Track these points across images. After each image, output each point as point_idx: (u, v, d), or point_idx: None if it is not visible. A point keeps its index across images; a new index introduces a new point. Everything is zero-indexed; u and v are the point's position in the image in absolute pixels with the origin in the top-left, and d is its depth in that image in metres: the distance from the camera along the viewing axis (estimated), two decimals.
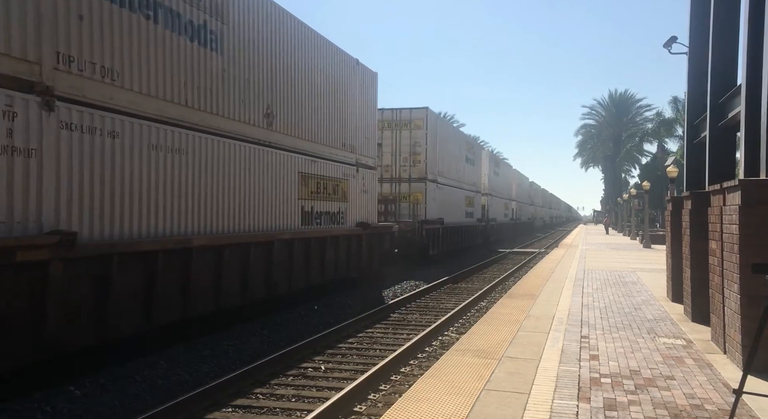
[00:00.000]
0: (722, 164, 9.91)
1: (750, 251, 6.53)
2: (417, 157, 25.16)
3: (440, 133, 27.69)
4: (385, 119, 24.99)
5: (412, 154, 25.18)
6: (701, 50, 10.80)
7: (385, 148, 24.91)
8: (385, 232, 20.31)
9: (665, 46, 18.20)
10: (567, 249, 31.33)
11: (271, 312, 13.04)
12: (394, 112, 25.54)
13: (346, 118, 17.28)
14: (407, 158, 25.25)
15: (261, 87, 12.73)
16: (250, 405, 7.43)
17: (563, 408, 5.46)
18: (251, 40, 12.30)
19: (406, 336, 11.54)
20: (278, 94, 13.45)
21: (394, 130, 25.31)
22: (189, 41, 10.37)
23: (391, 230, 20.87)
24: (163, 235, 9.61)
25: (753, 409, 5.40)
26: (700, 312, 9.58)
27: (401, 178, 25.35)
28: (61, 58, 7.88)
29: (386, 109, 25.23)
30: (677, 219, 11.95)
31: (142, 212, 9.18)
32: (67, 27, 7.97)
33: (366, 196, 18.66)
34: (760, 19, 7.37)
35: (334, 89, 16.42)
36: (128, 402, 7.50)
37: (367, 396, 7.75)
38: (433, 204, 26.04)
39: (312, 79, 15.14)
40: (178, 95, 10.11)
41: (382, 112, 24.16)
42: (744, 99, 7.83)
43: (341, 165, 16.85)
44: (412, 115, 25.44)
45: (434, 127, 26.72)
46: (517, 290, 14.08)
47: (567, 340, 8.36)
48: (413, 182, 25.23)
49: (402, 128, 25.32)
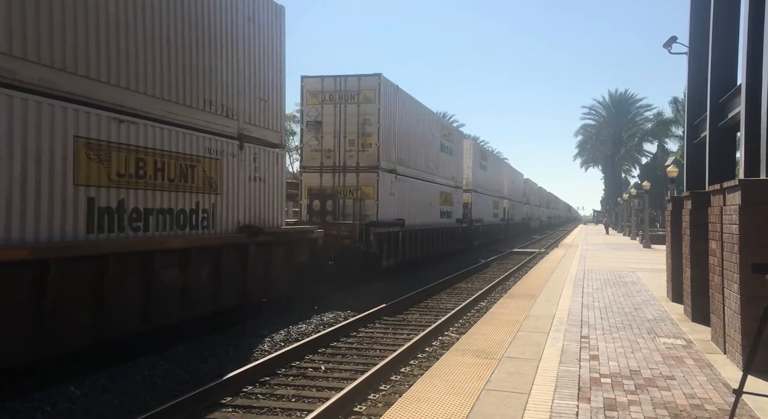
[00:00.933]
0: (722, 164, 9.92)
1: (750, 251, 6.53)
2: (367, 139, 19.63)
3: (400, 109, 21.95)
4: (326, 90, 19.75)
5: (360, 136, 19.62)
6: (701, 50, 10.81)
7: (326, 128, 19.78)
8: (298, 240, 14.62)
9: (665, 46, 18.20)
10: (567, 250, 31.34)
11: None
12: (336, 80, 19.81)
13: (217, 64, 11.83)
14: (354, 141, 19.66)
15: None
16: (250, 405, 7.43)
17: (563, 408, 5.46)
18: None
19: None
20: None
21: (338, 104, 19.71)
22: None
23: (307, 236, 15.17)
24: None
25: (753, 409, 5.40)
26: (700, 312, 9.58)
27: (347, 166, 19.74)
28: None
29: (327, 77, 20.06)
30: (677, 219, 11.95)
31: None
32: None
33: (260, 187, 13.16)
34: (760, 19, 7.38)
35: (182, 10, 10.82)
36: (128, 402, 7.50)
37: (367, 397, 7.74)
38: (390, 200, 20.76)
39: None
40: None
41: (322, 81, 19.74)
42: (744, 99, 7.83)
43: (203, 136, 11.30)
44: (361, 85, 19.75)
45: (391, 100, 20.85)
46: (517, 290, 14.09)
47: (567, 340, 8.36)
48: (362, 172, 19.67)
49: (348, 101, 19.72)
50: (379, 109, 19.69)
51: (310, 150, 19.95)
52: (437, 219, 27.14)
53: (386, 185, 20.34)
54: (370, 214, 19.40)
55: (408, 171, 22.87)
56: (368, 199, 19.57)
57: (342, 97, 19.83)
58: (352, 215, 18.98)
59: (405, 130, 22.58)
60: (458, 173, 31.81)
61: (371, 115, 19.72)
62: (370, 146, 19.70)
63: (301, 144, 20.30)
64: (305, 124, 20.07)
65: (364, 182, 19.65)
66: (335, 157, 19.82)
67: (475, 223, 35.50)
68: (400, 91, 21.80)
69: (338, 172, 19.81)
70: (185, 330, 10.68)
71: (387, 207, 20.38)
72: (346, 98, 19.80)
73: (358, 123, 19.75)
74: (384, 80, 20.12)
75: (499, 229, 46.33)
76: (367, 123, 19.75)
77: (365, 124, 19.75)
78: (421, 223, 24.42)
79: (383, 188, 20.02)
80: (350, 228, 18.27)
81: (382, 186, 19.88)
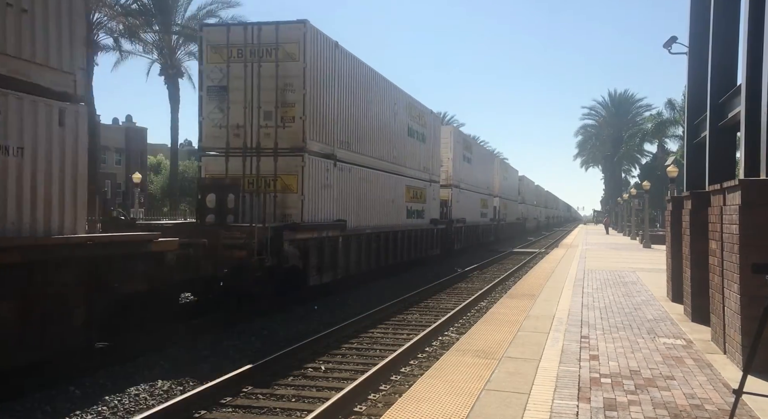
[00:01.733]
0: (722, 164, 9.92)
1: (750, 251, 6.53)
2: (288, 111, 14.52)
3: (342, 73, 16.71)
4: (234, 43, 14.76)
5: (280, 106, 14.54)
6: (701, 50, 10.81)
7: (234, 96, 14.74)
8: (115, 255, 9.20)
9: (665, 46, 18.19)
10: (567, 250, 31.36)
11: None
12: (248, 30, 14.91)
13: None
14: (272, 113, 14.58)
15: None
16: (250, 405, 7.43)
17: (563, 408, 5.46)
18: None
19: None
20: None
21: (249, 63, 14.64)
22: None
23: (140, 250, 9.83)
24: None
25: (753, 409, 5.40)
26: (700, 312, 9.57)
27: (262, 148, 14.58)
28: None
29: (235, 26, 15.95)
30: (677, 219, 11.95)
31: None
32: None
33: (8, 165, 7.75)
34: (760, 18, 7.37)
35: None
36: (128, 402, 7.51)
37: (367, 397, 7.74)
38: (324, 195, 15.71)
39: None
40: None
41: (228, 31, 15.02)
42: (744, 99, 7.83)
43: None
44: (280, 36, 14.59)
45: (325, 59, 15.57)
46: (517, 290, 14.10)
47: (567, 340, 8.36)
48: (282, 156, 14.50)
49: (263, 59, 14.61)
50: (304, 69, 14.43)
51: (212, 125, 14.92)
52: (403, 219, 22.24)
53: (317, 174, 15.28)
54: (293, 213, 14.38)
55: (356, 157, 17.84)
56: (290, 193, 14.44)
57: (255, 53, 14.67)
58: (272, 215, 13.88)
59: (351, 103, 17.47)
60: (433, 164, 26.78)
61: (294, 77, 14.49)
62: (293, 121, 14.49)
63: (200, 117, 15.08)
64: (205, 91, 15.03)
65: (284, 169, 14.47)
66: (246, 135, 14.65)
67: (456, 224, 30.38)
68: (340, 50, 16.56)
69: (250, 155, 14.60)
70: (183, 330, 10.68)
71: (319, 204, 15.34)
72: (261, 55, 14.65)
73: (276, 89, 14.53)
74: (312, 30, 14.79)
75: (488, 231, 41.22)
76: (288, 89, 14.51)
77: (286, 91, 14.53)
78: (378, 225, 19.44)
79: (313, 178, 14.95)
80: (246, 233, 12.29)
81: (310, 175, 14.77)
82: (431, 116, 27.28)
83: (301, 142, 14.58)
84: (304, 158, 14.54)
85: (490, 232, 42.12)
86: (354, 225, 17.46)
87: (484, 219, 39.55)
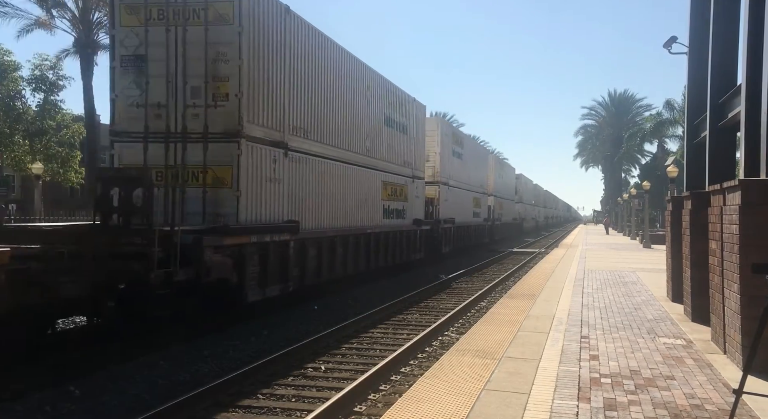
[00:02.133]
0: (722, 164, 9.93)
1: (750, 251, 6.53)
2: (221, 87, 11.87)
3: (292, 41, 13.79)
4: (153, 2, 12.01)
5: (210, 80, 11.84)
6: (701, 50, 10.81)
7: (154, 67, 11.93)
8: None
9: (665, 46, 18.19)
10: (567, 250, 31.37)
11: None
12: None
13: None
14: (200, 89, 11.82)
15: None
16: (250, 405, 7.43)
17: (563, 408, 5.46)
18: None
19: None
20: None
21: (172, 27, 11.82)
22: None
23: None
24: None
25: (753, 409, 5.40)
26: (700, 312, 9.58)
27: (189, 132, 11.70)
28: None
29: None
30: (677, 219, 11.96)
31: None
32: None
33: None
34: (760, 18, 7.38)
35: None
36: (128, 402, 7.50)
37: (367, 397, 7.74)
38: (271, 191, 12.91)
39: None
40: None
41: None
42: (744, 99, 7.84)
43: None
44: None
45: (269, 24, 12.86)
46: (517, 290, 14.11)
47: (567, 340, 8.36)
48: (213, 142, 11.79)
49: (189, 22, 11.86)
50: (240, 34, 11.82)
51: (127, 104, 12.17)
52: (378, 220, 19.66)
53: (261, 166, 12.54)
54: (227, 213, 11.71)
55: (316, 147, 15.17)
56: (223, 188, 11.79)
57: (180, 14, 11.83)
58: (198, 214, 11.53)
59: (309, 82, 14.75)
60: (417, 159, 24.35)
61: (227, 44, 11.85)
62: (226, 99, 11.83)
63: (112, 94, 12.34)
64: (119, 61, 12.28)
65: (216, 159, 11.76)
66: (169, 117, 11.76)
67: (444, 225, 27.81)
68: (293, 17, 13.87)
69: (174, 141, 11.63)
70: (184, 330, 10.67)
71: (263, 202, 12.61)
72: (187, 16, 11.85)
73: (206, 58, 11.76)
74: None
75: (481, 232, 38.39)
76: (221, 58, 11.84)
77: (218, 61, 11.85)
78: (346, 226, 16.94)
79: (253, 170, 12.27)
80: (143, 239, 9.48)
81: (249, 166, 12.10)
82: (414, 105, 24.16)
83: (237, 126, 11.83)
84: (240, 145, 11.82)
85: (484, 233, 39.32)
86: (312, 226, 14.85)
87: (477, 219, 36.95)
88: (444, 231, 28.04)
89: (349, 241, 17.29)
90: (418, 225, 23.91)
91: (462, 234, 32.32)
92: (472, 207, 35.48)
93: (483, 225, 38.78)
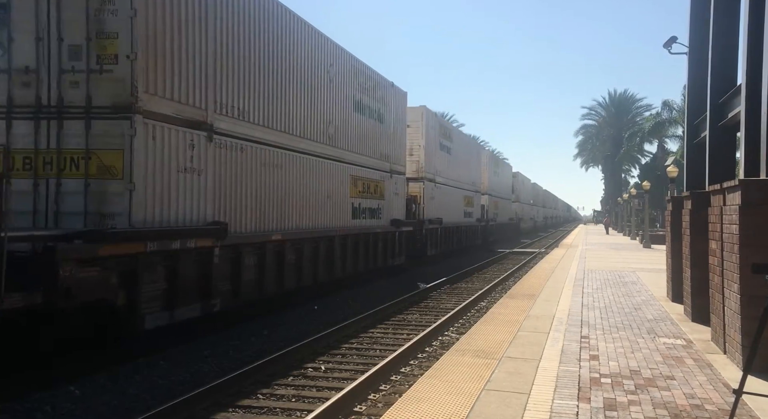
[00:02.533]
0: (722, 164, 9.92)
1: (750, 251, 6.54)
2: (108, 47, 9.07)
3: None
4: None
5: (94, 37, 9.09)
6: (701, 50, 10.81)
7: (19, 20, 9.22)
8: None
9: (665, 46, 18.17)
10: (567, 250, 31.37)
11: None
12: None
13: None
14: (81, 48, 9.12)
15: None
16: (250, 405, 7.43)
17: (563, 408, 5.46)
18: None
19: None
20: None
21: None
22: None
23: None
24: None
25: (753, 409, 5.40)
26: (700, 312, 9.58)
27: (67, 105, 9.17)
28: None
29: None
30: (677, 219, 11.96)
31: None
32: None
33: None
34: (760, 18, 7.38)
35: None
36: (128, 402, 7.51)
37: (367, 397, 7.75)
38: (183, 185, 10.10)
39: None
40: None
41: None
42: (744, 99, 7.84)
43: None
44: None
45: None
46: (517, 290, 14.10)
47: (567, 340, 8.36)
48: (99, 118, 9.11)
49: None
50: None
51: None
52: (346, 220, 17.13)
53: (169, 151, 9.79)
54: (118, 212, 8.98)
55: (258, 131, 12.36)
56: (111, 180, 9.04)
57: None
58: (83, 214, 8.97)
59: (245, 49, 11.91)
60: (397, 152, 21.67)
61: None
62: (115, 61, 9.09)
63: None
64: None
65: (100, 141, 9.09)
66: (41, 85, 9.20)
67: (429, 225, 25.10)
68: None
69: (47, 117, 9.17)
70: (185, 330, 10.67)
71: (172, 198, 9.88)
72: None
73: (87, 10, 9.08)
74: None
75: (473, 233, 35.44)
76: (107, 7, 9.10)
77: (103, 11, 9.11)
78: (300, 228, 14.20)
79: (155, 156, 9.47)
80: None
81: (149, 151, 9.33)
82: (392, 90, 21.01)
83: (130, 97, 9.02)
84: (134, 123, 9.01)
85: (476, 235, 36.22)
86: (251, 229, 12.09)
87: (469, 219, 33.92)
88: (429, 233, 25.41)
89: (304, 247, 14.36)
90: (397, 226, 21.06)
91: (451, 235, 29.73)
92: (463, 206, 32.61)
93: (476, 226, 35.92)
